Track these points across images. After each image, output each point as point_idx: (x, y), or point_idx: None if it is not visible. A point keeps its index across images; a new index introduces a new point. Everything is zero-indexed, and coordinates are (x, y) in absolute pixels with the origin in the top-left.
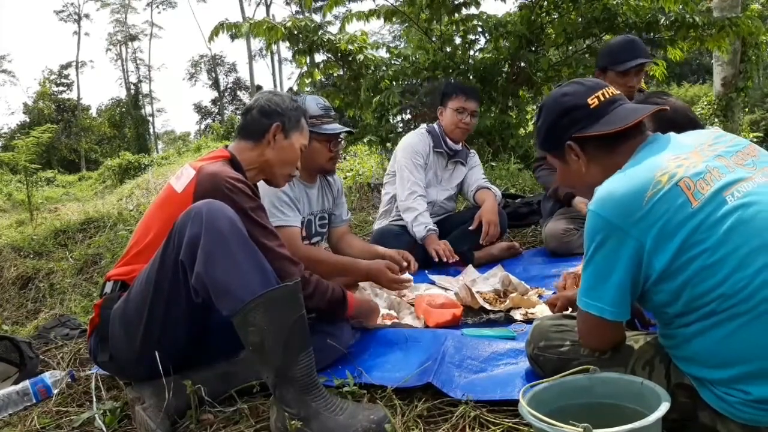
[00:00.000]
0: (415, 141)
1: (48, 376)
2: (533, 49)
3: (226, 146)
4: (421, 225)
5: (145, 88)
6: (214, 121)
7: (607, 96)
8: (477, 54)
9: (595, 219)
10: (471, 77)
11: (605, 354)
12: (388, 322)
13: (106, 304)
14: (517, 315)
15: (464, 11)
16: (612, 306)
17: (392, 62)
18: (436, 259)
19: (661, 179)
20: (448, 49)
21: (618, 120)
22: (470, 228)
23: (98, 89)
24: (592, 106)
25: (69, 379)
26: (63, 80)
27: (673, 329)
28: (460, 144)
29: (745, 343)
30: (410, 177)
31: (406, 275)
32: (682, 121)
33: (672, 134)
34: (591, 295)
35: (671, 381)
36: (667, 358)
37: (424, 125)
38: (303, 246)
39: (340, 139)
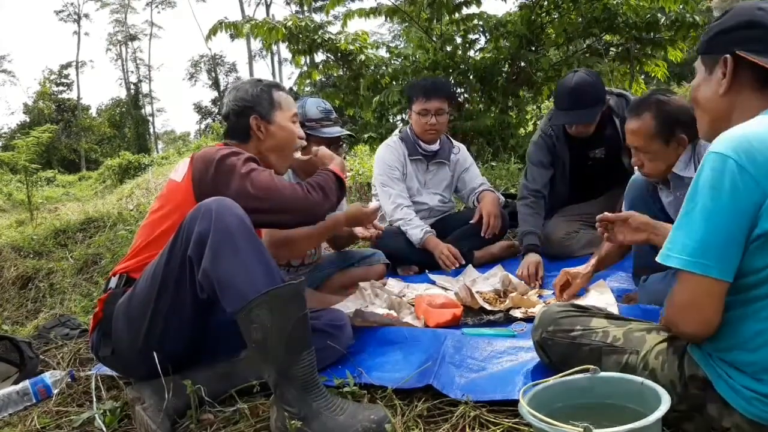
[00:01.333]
0: (387, 155)
1: (48, 376)
2: (533, 49)
3: (226, 143)
4: (416, 228)
5: (145, 87)
6: (214, 121)
7: None
8: (477, 54)
9: (719, 159)
10: (471, 77)
11: (618, 341)
12: (394, 313)
13: (110, 299)
14: (517, 314)
15: (465, 10)
16: (720, 262)
17: (392, 62)
18: (445, 269)
19: None
20: (449, 49)
21: None
22: (471, 222)
23: (98, 89)
24: None
25: (69, 379)
26: (63, 80)
27: (733, 303)
28: (437, 142)
29: None
30: (390, 191)
31: (374, 203)
32: (685, 119)
33: None
34: (695, 250)
35: (684, 373)
36: (681, 349)
37: (397, 132)
38: (281, 232)
39: (340, 144)
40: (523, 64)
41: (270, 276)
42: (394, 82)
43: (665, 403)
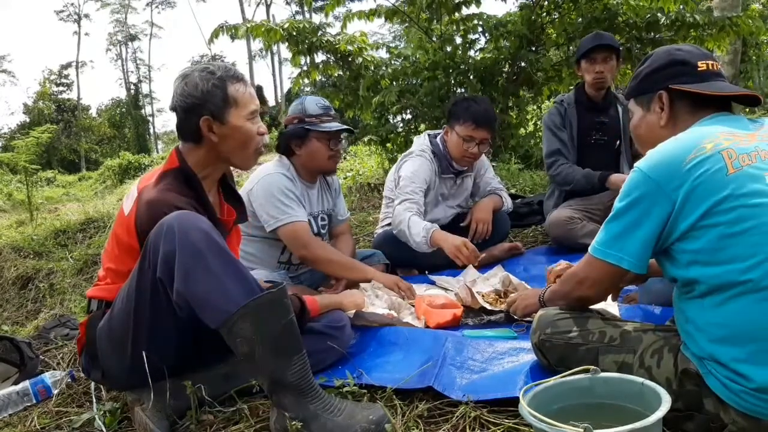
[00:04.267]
0: (423, 169)
1: (48, 377)
2: (533, 49)
3: (178, 147)
4: (418, 234)
5: (145, 88)
6: None
7: (715, 68)
8: (477, 54)
9: (638, 175)
10: (471, 77)
11: (615, 341)
12: (395, 313)
13: (91, 323)
14: None
15: (464, 11)
16: (632, 257)
17: (392, 62)
18: (460, 264)
19: (706, 146)
20: (449, 49)
21: (715, 88)
22: (461, 224)
23: (98, 89)
24: (700, 69)
25: (69, 380)
26: (63, 80)
27: (690, 297)
28: None
29: (753, 322)
30: (408, 205)
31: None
32: None
33: (742, 116)
34: (613, 244)
35: (678, 369)
36: (676, 348)
37: (427, 143)
38: (314, 243)
39: (340, 139)
40: (523, 64)
41: (246, 287)
42: (393, 83)
43: (666, 403)
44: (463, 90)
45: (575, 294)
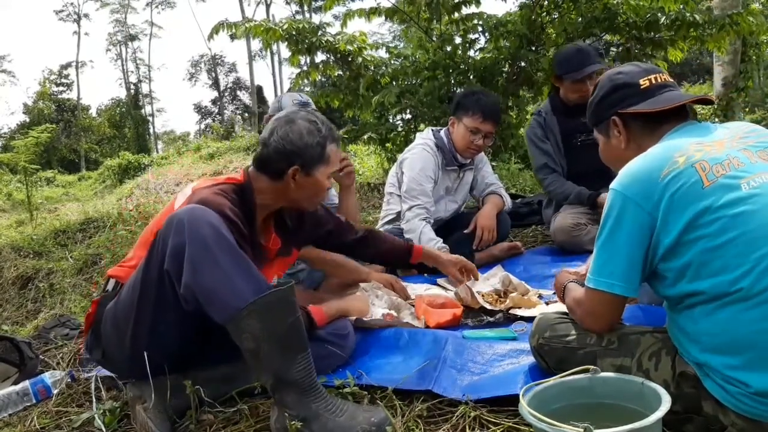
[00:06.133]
0: (428, 163)
1: (48, 377)
2: (533, 48)
3: (248, 168)
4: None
5: (145, 88)
6: (214, 121)
7: (659, 80)
8: (477, 54)
9: (614, 195)
10: (471, 77)
11: (612, 344)
12: (395, 313)
13: (103, 301)
14: (518, 313)
15: (464, 10)
16: (622, 281)
17: (392, 62)
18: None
19: (678, 160)
20: (448, 49)
21: (662, 102)
22: (465, 232)
23: (98, 89)
24: (642, 87)
25: (69, 380)
26: (63, 80)
27: (681, 309)
28: None
29: (745, 329)
30: (417, 201)
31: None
32: None
33: (708, 123)
34: (602, 271)
35: (676, 371)
36: (674, 351)
37: (430, 137)
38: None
39: None
40: (523, 63)
41: (255, 284)
42: (393, 82)
43: (666, 402)
44: (463, 90)
45: (585, 326)
